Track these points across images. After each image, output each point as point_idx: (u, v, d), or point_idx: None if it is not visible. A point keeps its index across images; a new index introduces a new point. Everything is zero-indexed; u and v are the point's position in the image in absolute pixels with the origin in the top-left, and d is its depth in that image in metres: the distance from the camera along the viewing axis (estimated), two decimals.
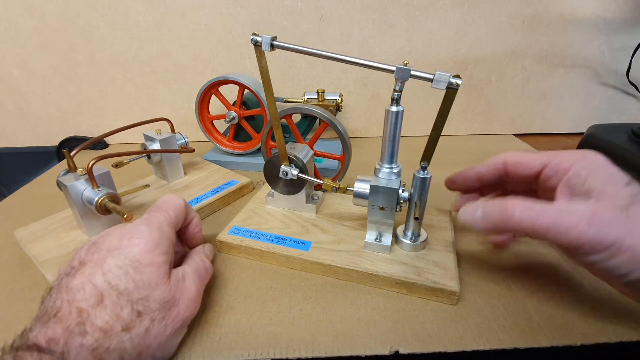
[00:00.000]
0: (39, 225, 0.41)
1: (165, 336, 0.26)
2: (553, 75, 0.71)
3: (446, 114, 0.29)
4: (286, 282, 0.35)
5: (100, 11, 0.61)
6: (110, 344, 0.23)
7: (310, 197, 0.44)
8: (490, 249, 0.39)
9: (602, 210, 0.25)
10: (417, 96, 0.71)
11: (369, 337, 0.29)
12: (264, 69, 0.34)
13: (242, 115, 0.58)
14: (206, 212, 0.46)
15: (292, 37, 0.64)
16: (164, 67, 0.66)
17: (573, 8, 0.65)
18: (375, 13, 0.63)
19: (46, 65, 0.65)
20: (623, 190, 0.26)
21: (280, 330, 0.30)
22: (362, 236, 0.38)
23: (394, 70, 0.29)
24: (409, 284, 0.33)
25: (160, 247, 0.28)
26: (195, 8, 0.62)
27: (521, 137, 0.75)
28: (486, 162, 0.35)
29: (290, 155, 0.40)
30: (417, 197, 0.33)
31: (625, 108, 0.74)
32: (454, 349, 0.28)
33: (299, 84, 0.69)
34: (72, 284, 0.24)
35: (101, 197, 0.36)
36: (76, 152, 0.37)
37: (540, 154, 0.32)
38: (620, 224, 0.24)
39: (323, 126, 0.46)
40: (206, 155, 0.61)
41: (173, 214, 0.31)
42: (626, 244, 0.23)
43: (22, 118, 0.70)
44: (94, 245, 0.28)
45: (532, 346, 0.28)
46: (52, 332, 0.22)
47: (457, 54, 0.67)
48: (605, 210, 0.24)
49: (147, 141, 0.48)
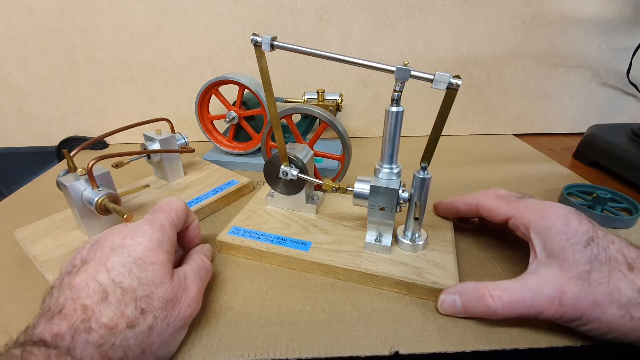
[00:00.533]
0: (39, 225, 0.41)
1: (167, 334, 0.26)
2: (553, 75, 0.71)
3: (446, 114, 0.29)
4: (286, 282, 0.35)
5: (100, 11, 0.61)
6: (115, 340, 0.23)
7: (310, 198, 0.44)
8: (490, 249, 0.39)
9: (568, 284, 0.26)
10: (417, 96, 0.71)
11: (369, 337, 0.29)
12: (264, 69, 0.34)
13: (242, 115, 0.58)
14: (206, 212, 0.46)
15: (292, 37, 0.64)
16: (164, 67, 0.66)
17: (573, 8, 0.65)
18: (375, 13, 0.63)
19: (46, 65, 0.65)
20: (582, 253, 0.27)
21: (280, 330, 0.30)
22: (362, 236, 0.38)
23: (394, 70, 0.29)
24: (409, 284, 0.33)
25: (163, 246, 0.28)
26: (195, 8, 0.62)
27: (521, 137, 0.75)
28: (464, 198, 0.38)
29: (290, 156, 0.40)
30: (417, 197, 0.33)
31: (625, 108, 0.74)
32: (454, 349, 0.28)
33: (299, 84, 0.69)
34: (75, 282, 0.24)
35: (101, 197, 0.36)
36: (76, 152, 0.37)
37: (507, 205, 0.34)
38: (584, 299, 0.26)
39: (323, 126, 0.46)
40: (206, 155, 0.61)
41: (174, 215, 0.32)
42: (592, 316, 0.25)
43: (22, 118, 0.70)
44: (96, 243, 0.28)
45: (532, 346, 0.28)
46: (58, 328, 0.22)
47: (457, 54, 0.67)
48: (571, 285, 0.26)
49: (147, 141, 0.48)
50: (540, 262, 0.29)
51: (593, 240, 0.27)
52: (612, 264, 0.26)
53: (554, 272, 0.27)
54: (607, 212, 0.45)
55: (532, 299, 0.27)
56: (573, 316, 0.26)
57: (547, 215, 0.29)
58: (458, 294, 0.30)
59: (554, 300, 0.26)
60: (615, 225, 0.43)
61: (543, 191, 0.52)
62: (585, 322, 0.26)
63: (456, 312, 0.30)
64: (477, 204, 0.36)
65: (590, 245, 0.27)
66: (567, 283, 0.26)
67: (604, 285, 0.25)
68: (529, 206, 0.32)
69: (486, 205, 0.35)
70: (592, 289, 0.26)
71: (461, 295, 0.30)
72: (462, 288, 0.30)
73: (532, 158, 0.65)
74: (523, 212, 0.31)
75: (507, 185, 0.37)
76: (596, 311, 0.25)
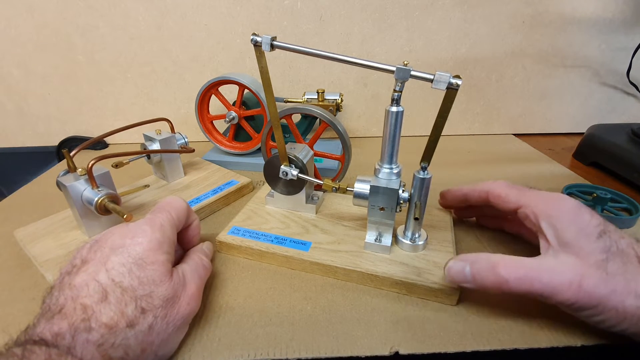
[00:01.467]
0: (39, 225, 0.41)
1: (167, 333, 0.26)
2: (553, 75, 0.71)
3: (446, 114, 0.29)
4: (286, 282, 0.35)
5: (100, 11, 0.61)
6: (116, 339, 0.23)
7: (310, 198, 0.44)
8: (490, 249, 0.39)
9: (588, 271, 0.26)
10: (417, 96, 0.71)
11: (369, 338, 0.29)
12: (264, 69, 0.34)
13: (242, 115, 0.58)
14: (206, 212, 0.46)
15: (292, 37, 0.64)
16: (164, 67, 0.66)
17: (573, 8, 0.65)
18: (375, 13, 0.63)
19: (46, 65, 0.65)
20: (597, 244, 0.26)
21: (280, 331, 0.29)
22: (362, 236, 0.38)
23: (394, 70, 0.29)
24: (409, 285, 0.33)
25: (163, 246, 0.28)
26: (195, 8, 0.62)
27: (521, 137, 0.75)
28: (474, 186, 0.37)
29: (290, 156, 0.40)
30: (417, 197, 0.33)
31: (625, 108, 0.74)
32: (454, 350, 0.28)
33: (299, 84, 0.69)
34: (75, 282, 0.25)
35: (101, 197, 0.36)
36: (76, 152, 0.37)
37: (518, 193, 0.33)
38: (604, 286, 0.25)
39: (323, 126, 0.46)
40: (206, 155, 0.61)
41: (175, 215, 0.32)
42: (610, 304, 0.25)
43: (22, 118, 0.70)
44: (96, 243, 0.28)
45: (532, 346, 0.28)
46: (58, 327, 0.22)
47: (457, 54, 0.67)
48: (591, 272, 0.26)
49: (147, 141, 0.48)
50: (555, 250, 0.28)
51: (605, 233, 0.27)
52: (624, 257, 0.26)
53: (572, 259, 0.27)
54: (607, 212, 0.45)
55: (550, 278, 0.26)
56: (589, 304, 0.25)
57: (559, 206, 0.29)
58: (469, 262, 0.29)
59: (572, 284, 0.25)
60: (615, 225, 0.43)
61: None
62: (599, 312, 0.25)
63: (463, 280, 0.29)
64: (488, 191, 0.35)
65: (603, 237, 0.27)
66: (587, 270, 0.26)
67: (620, 275, 0.25)
68: (540, 196, 0.31)
69: (497, 192, 0.34)
70: (611, 277, 0.25)
71: (472, 263, 0.29)
72: (475, 257, 0.29)
73: (532, 158, 0.65)
74: (534, 201, 0.31)
75: None
76: (614, 300, 0.25)
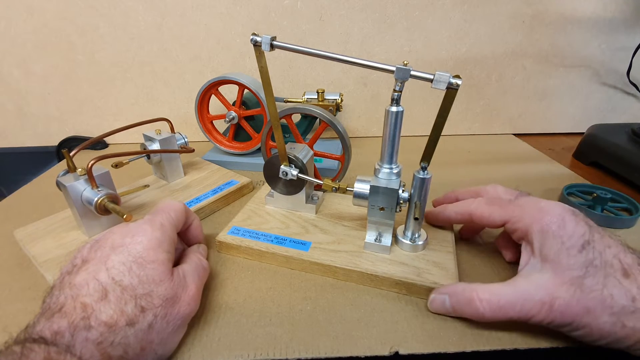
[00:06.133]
0: (39, 225, 0.41)
1: (167, 333, 0.26)
2: (553, 75, 0.71)
3: (446, 114, 0.29)
4: (286, 282, 0.35)
5: (100, 11, 0.61)
6: (115, 338, 0.23)
7: (310, 197, 0.44)
8: (490, 249, 0.39)
9: (560, 290, 0.26)
10: (417, 96, 0.71)
11: (369, 338, 0.29)
12: (264, 69, 0.34)
13: (241, 115, 0.58)
14: (206, 212, 0.46)
15: (292, 37, 0.64)
16: (164, 67, 0.66)
17: (573, 8, 0.65)
18: (375, 13, 0.63)
19: (46, 65, 0.65)
20: (577, 258, 0.26)
21: (280, 331, 0.29)
22: (362, 236, 0.38)
23: (393, 70, 0.29)
24: (409, 285, 0.33)
25: (163, 245, 0.28)
26: (195, 8, 0.62)
27: (521, 137, 0.75)
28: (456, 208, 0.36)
29: (290, 156, 0.40)
30: (417, 197, 0.33)
31: (625, 108, 0.74)
32: (454, 350, 0.28)
33: (299, 84, 0.69)
34: (75, 281, 0.25)
35: (101, 197, 0.36)
36: (76, 152, 0.37)
37: (501, 209, 0.32)
38: (576, 304, 0.25)
39: (323, 126, 0.46)
40: (206, 155, 0.61)
41: (174, 216, 0.32)
42: (583, 322, 0.25)
43: (22, 118, 0.70)
44: (96, 243, 0.28)
45: (532, 347, 0.28)
46: (57, 326, 0.22)
47: (457, 54, 0.67)
48: (563, 290, 0.26)
49: (146, 141, 0.48)
50: (533, 266, 0.28)
51: (589, 244, 0.27)
52: (607, 270, 0.26)
53: (546, 276, 0.27)
54: (607, 212, 0.45)
55: (522, 304, 0.27)
56: (563, 322, 0.26)
57: (543, 218, 0.29)
58: (447, 294, 0.30)
59: (544, 305, 0.26)
60: (615, 225, 0.43)
61: (543, 191, 0.52)
62: (575, 328, 0.26)
63: (445, 311, 0.30)
64: (470, 213, 0.34)
65: (586, 249, 0.26)
66: (559, 288, 0.26)
67: (597, 291, 0.25)
68: (524, 209, 0.31)
69: (479, 214, 0.33)
70: (585, 295, 0.25)
71: (450, 296, 0.30)
72: (452, 289, 0.30)
73: (532, 158, 0.65)
74: (518, 215, 0.31)
75: (506, 185, 0.37)
76: (587, 318, 0.25)
